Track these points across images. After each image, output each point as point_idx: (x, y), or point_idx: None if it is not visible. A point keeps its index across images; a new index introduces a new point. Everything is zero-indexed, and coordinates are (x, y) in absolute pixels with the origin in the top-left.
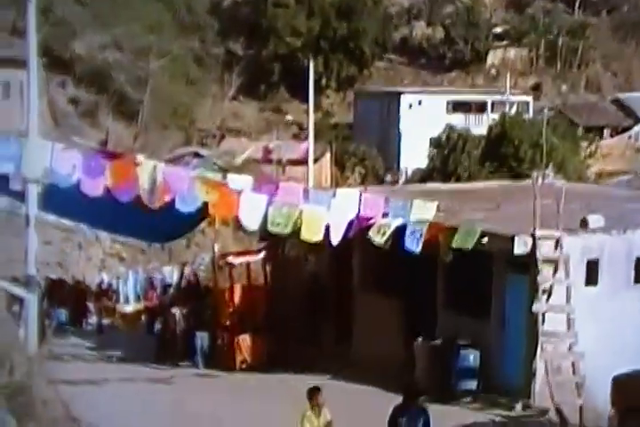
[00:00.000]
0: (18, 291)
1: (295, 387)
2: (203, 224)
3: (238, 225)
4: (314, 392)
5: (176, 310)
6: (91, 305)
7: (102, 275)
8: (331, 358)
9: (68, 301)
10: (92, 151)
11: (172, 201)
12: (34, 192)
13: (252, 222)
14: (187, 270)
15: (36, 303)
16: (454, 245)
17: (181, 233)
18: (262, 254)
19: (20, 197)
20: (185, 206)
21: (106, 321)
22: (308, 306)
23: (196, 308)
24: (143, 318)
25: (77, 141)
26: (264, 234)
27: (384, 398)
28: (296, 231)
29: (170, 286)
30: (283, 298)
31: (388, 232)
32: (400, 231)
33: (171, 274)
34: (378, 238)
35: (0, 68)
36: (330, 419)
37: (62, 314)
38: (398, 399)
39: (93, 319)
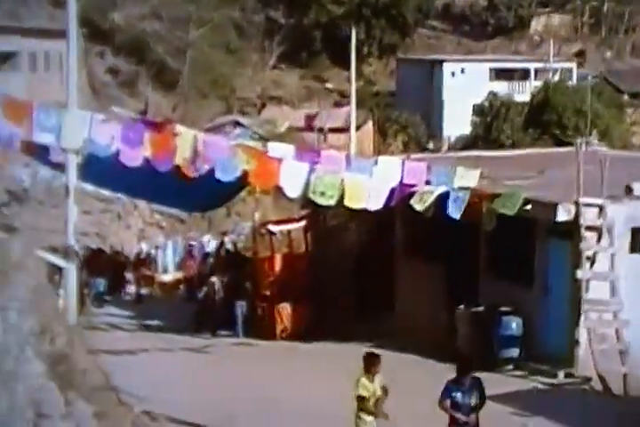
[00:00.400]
0: (57, 261)
1: (336, 355)
2: (243, 193)
3: (279, 194)
4: (373, 359)
5: (215, 280)
6: (129, 275)
7: (141, 244)
8: (372, 326)
9: (107, 270)
10: (130, 121)
11: (212, 170)
12: (73, 163)
13: (293, 191)
14: (227, 239)
15: (75, 273)
16: (496, 208)
17: (221, 202)
18: (303, 222)
19: (60, 167)
20: (225, 175)
21: (144, 291)
22: (350, 274)
23: (236, 277)
24: (182, 287)
25: (116, 111)
26: (306, 202)
27: (426, 365)
28: (339, 200)
29: (209, 255)
30: (324, 266)
31: (430, 199)
32: (442, 199)
33: (210, 243)
34: (419, 206)
35: (40, 39)
36: (385, 385)
37: (101, 284)
38: (441, 367)
39: (132, 289)
